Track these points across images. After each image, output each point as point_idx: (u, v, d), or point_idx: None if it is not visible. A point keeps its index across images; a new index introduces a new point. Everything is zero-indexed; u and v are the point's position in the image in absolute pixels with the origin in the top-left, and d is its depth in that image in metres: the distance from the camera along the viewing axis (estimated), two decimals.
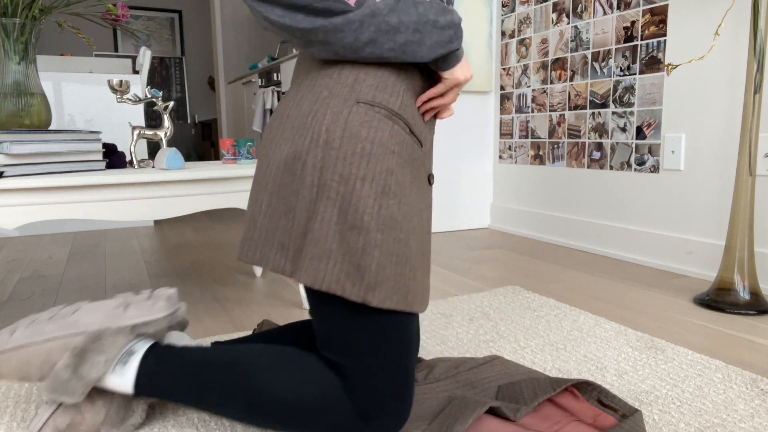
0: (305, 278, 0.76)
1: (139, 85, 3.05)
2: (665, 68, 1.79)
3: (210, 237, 2.70)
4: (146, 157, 3.08)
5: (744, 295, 1.45)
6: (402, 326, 0.80)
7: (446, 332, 1.30)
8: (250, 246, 0.82)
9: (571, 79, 2.24)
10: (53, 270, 2.06)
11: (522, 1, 2.48)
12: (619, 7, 2.01)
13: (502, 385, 0.95)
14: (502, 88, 2.66)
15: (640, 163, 1.99)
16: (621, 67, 2.02)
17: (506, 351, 1.18)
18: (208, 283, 1.82)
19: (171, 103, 1.57)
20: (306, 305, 1.52)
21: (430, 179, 0.88)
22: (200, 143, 6.16)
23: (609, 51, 2.06)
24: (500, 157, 2.72)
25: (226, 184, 1.41)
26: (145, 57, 3.02)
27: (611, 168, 2.10)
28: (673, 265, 1.88)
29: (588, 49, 2.15)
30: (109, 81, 1.49)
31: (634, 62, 1.97)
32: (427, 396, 0.94)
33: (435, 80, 0.89)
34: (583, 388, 0.90)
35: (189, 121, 6.44)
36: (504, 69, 2.64)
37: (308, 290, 0.82)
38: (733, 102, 1.68)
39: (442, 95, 0.86)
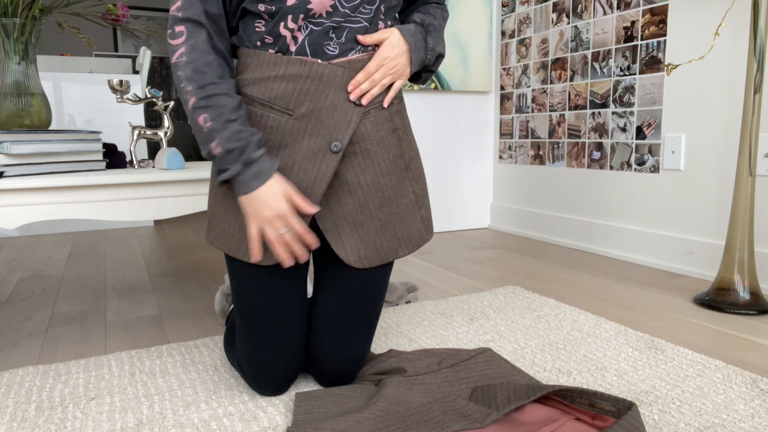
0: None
1: (139, 85, 3.05)
2: (665, 68, 1.79)
3: None
4: (146, 157, 3.08)
5: (744, 295, 1.45)
6: (240, 272, 0.97)
7: (446, 332, 1.30)
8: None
9: (571, 79, 2.24)
10: (53, 270, 2.07)
11: (522, 1, 2.48)
12: (619, 7, 2.01)
13: (477, 387, 0.95)
14: (502, 88, 2.66)
15: (640, 163, 1.99)
16: (621, 67, 2.02)
17: (506, 351, 1.18)
18: (208, 283, 1.82)
19: (171, 103, 1.57)
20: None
21: (331, 147, 0.94)
22: None
23: (609, 51, 2.06)
24: (500, 157, 2.72)
25: None
26: (145, 57, 3.02)
27: (611, 168, 2.10)
28: (673, 265, 1.88)
29: (588, 49, 2.15)
30: (109, 81, 1.49)
31: (634, 62, 1.97)
32: (406, 389, 0.94)
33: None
34: (570, 395, 0.89)
35: (189, 121, 6.44)
36: (504, 69, 2.64)
37: None
38: (733, 102, 1.68)
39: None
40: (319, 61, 0.94)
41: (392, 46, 0.96)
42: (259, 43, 0.96)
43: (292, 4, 0.91)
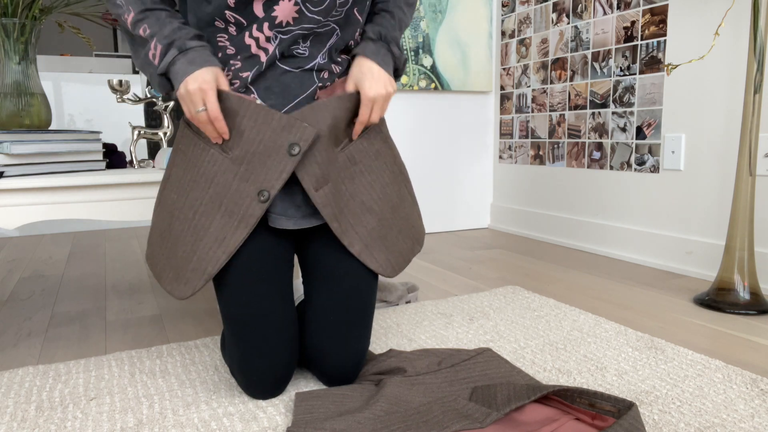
0: None
1: (139, 85, 3.06)
2: (665, 68, 1.79)
3: None
4: (146, 157, 3.08)
5: (744, 295, 1.45)
6: (223, 279, 0.96)
7: (446, 332, 1.30)
8: None
9: (571, 79, 2.24)
10: (53, 270, 2.07)
11: (522, 1, 2.48)
12: (619, 7, 2.01)
13: (478, 387, 0.95)
14: (502, 88, 2.66)
15: (640, 163, 1.99)
16: (621, 67, 2.02)
17: (506, 351, 1.18)
18: (208, 283, 1.82)
19: (171, 103, 1.57)
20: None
21: (260, 197, 0.93)
22: None
23: (609, 51, 2.06)
24: (500, 157, 2.72)
25: None
26: None
27: (611, 168, 2.10)
28: (673, 265, 1.88)
29: (588, 49, 2.15)
30: (109, 81, 1.49)
31: (634, 62, 1.97)
32: (406, 389, 0.94)
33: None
34: (570, 395, 0.89)
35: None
36: (504, 69, 2.64)
37: None
38: (733, 102, 1.68)
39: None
40: (258, 100, 0.93)
41: (371, 80, 0.95)
42: (220, 54, 0.95)
43: (262, 16, 0.90)
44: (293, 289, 1.08)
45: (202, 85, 0.87)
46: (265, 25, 0.90)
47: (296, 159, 0.91)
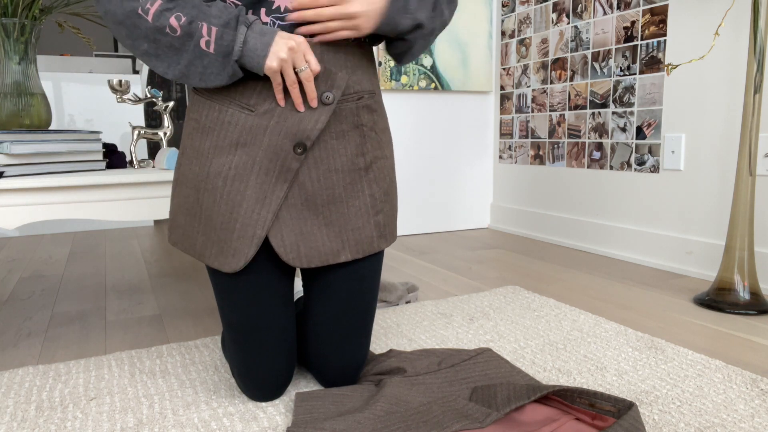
0: None
1: (139, 85, 3.06)
2: (665, 68, 1.79)
3: None
4: (146, 157, 3.08)
5: (744, 295, 1.45)
6: (224, 287, 0.94)
7: (446, 332, 1.30)
8: None
9: (571, 79, 2.24)
10: (53, 270, 2.06)
11: (522, 1, 2.48)
12: (619, 7, 2.01)
13: (478, 387, 0.95)
14: (502, 88, 2.66)
15: (640, 163, 1.99)
16: (621, 67, 2.02)
17: (506, 351, 1.18)
18: (208, 283, 1.81)
19: (171, 103, 1.57)
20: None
21: (295, 148, 0.88)
22: None
23: (609, 51, 2.06)
24: (500, 157, 2.72)
25: None
26: None
27: (611, 168, 2.10)
28: (673, 265, 1.88)
29: (588, 49, 2.15)
30: (109, 81, 1.49)
31: (634, 62, 1.97)
32: (406, 389, 0.94)
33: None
34: (570, 395, 0.89)
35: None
36: (504, 69, 2.64)
37: None
38: (733, 102, 1.68)
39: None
40: None
41: None
42: None
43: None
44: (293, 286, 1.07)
45: (300, 44, 0.82)
46: (262, 11, 0.86)
47: (331, 108, 0.88)
